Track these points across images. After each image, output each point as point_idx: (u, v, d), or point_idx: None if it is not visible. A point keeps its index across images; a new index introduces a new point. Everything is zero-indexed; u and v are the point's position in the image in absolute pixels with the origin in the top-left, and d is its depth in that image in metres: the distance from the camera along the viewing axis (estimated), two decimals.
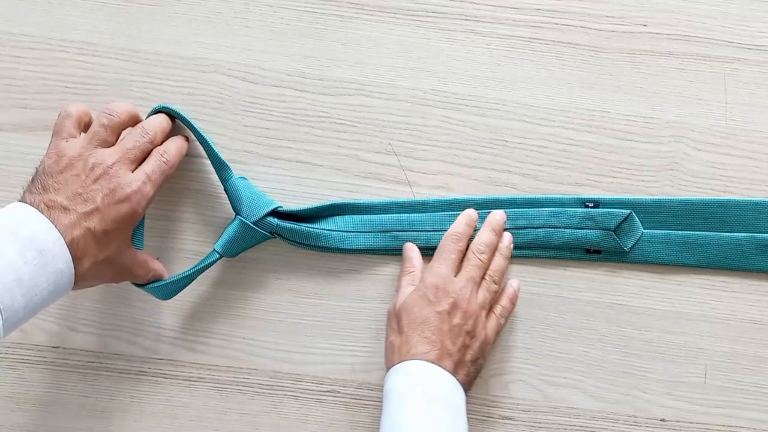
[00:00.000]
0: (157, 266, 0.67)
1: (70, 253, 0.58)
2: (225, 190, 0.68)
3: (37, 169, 0.62)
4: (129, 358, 0.70)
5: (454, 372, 0.64)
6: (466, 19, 0.73)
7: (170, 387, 0.70)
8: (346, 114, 0.72)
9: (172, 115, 0.68)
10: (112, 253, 0.62)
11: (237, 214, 0.67)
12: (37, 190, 0.60)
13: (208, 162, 0.69)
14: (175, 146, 0.66)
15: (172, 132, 0.68)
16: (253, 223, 0.67)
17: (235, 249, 0.68)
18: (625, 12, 0.73)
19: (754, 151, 0.72)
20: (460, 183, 0.72)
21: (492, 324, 0.68)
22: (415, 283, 0.68)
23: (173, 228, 0.71)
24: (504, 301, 0.69)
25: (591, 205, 0.71)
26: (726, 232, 0.71)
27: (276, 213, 0.68)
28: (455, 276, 0.67)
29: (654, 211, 0.71)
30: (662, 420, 0.70)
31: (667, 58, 0.73)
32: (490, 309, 0.68)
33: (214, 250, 0.67)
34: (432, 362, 0.63)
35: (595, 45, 0.73)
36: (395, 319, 0.66)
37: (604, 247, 0.70)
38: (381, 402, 0.69)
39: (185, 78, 0.72)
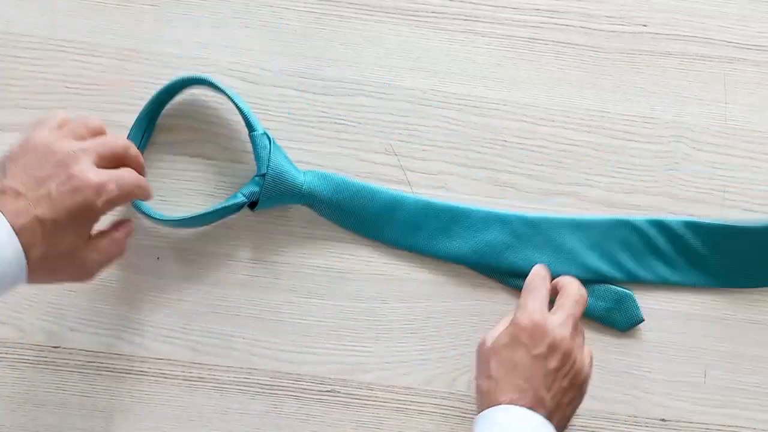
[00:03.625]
0: (119, 234, 0.62)
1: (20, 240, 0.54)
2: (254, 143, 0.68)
3: (5, 154, 0.59)
4: (129, 358, 0.70)
5: (548, 417, 0.57)
6: (465, 19, 0.73)
7: (170, 387, 0.70)
8: (346, 114, 0.72)
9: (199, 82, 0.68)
10: (66, 249, 0.57)
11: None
12: None
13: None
14: (142, 180, 0.62)
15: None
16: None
17: (267, 201, 0.68)
18: (625, 12, 0.73)
19: (754, 151, 0.72)
20: (460, 183, 0.72)
21: (587, 356, 0.62)
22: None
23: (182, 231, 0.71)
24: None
25: None
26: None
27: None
28: (548, 311, 0.61)
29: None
30: (662, 420, 0.70)
31: (666, 58, 0.73)
32: None
33: (240, 192, 0.67)
34: (525, 409, 0.57)
35: (595, 45, 0.73)
36: (484, 359, 0.60)
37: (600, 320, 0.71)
38: (383, 402, 0.70)
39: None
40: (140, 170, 0.62)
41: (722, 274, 0.70)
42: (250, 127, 0.68)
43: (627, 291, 0.70)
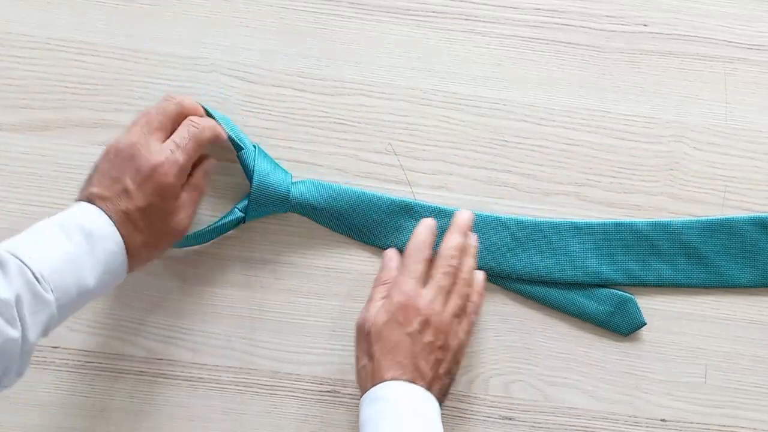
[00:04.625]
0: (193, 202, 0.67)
1: (121, 235, 0.60)
2: (241, 160, 0.69)
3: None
4: (129, 358, 0.70)
5: (428, 388, 0.62)
6: (466, 19, 0.73)
7: (170, 387, 0.70)
8: (346, 114, 0.72)
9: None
10: (158, 226, 0.63)
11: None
12: (84, 186, 0.63)
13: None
14: (206, 118, 0.66)
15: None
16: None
17: (254, 211, 0.68)
18: (625, 12, 0.73)
19: (754, 151, 0.72)
20: (460, 183, 0.72)
21: (464, 326, 0.65)
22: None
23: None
24: (474, 296, 0.67)
25: None
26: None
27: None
28: (423, 287, 0.64)
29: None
30: (662, 420, 0.70)
31: (667, 57, 0.73)
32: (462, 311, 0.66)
33: (235, 208, 0.69)
34: (406, 383, 0.61)
35: (595, 45, 0.73)
36: (365, 340, 0.64)
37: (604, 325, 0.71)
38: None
39: (185, 78, 0.72)
40: (198, 112, 0.66)
41: (724, 273, 0.70)
42: (237, 147, 0.69)
43: (628, 295, 0.70)
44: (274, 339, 0.71)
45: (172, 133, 0.64)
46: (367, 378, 0.63)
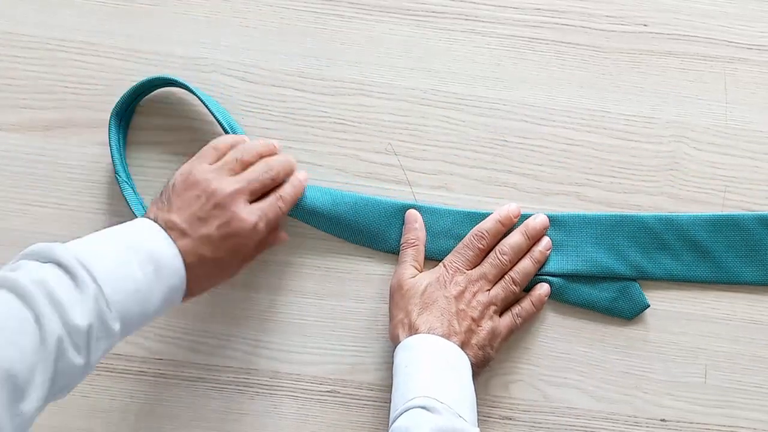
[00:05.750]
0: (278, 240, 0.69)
1: (185, 271, 0.60)
2: None
3: (167, 182, 0.63)
4: (129, 358, 0.70)
5: (461, 348, 0.64)
6: (466, 19, 0.73)
7: (170, 387, 0.70)
8: (346, 114, 0.72)
9: (182, 86, 0.69)
10: (222, 278, 0.64)
11: None
12: (162, 205, 0.62)
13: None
14: (292, 190, 0.66)
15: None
16: None
17: None
18: (625, 12, 0.73)
19: (754, 151, 0.72)
20: (460, 183, 0.72)
21: (506, 320, 0.68)
22: (419, 258, 0.69)
23: None
24: (525, 302, 0.69)
25: None
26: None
27: None
28: (470, 270, 0.68)
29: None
30: (662, 420, 0.70)
31: (667, 57, 0.73)
32: (507, 308, 0.69)
33: None
34: (440, 337, 0.64)
35: (595, 45, 0.73)
36: (402, 298, 0.67)
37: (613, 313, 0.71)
38: (383, 402, 0.70)
39: (185, 78, 0.72)
40: (290, 175, 0.67)
41: (729, 269, 0.70)
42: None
43: (631, 280, 0.70)
44: (274, 339, 0.71)
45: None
46: (403, 330, 0.65)
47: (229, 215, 0.61)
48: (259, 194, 0.64)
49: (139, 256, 0.58)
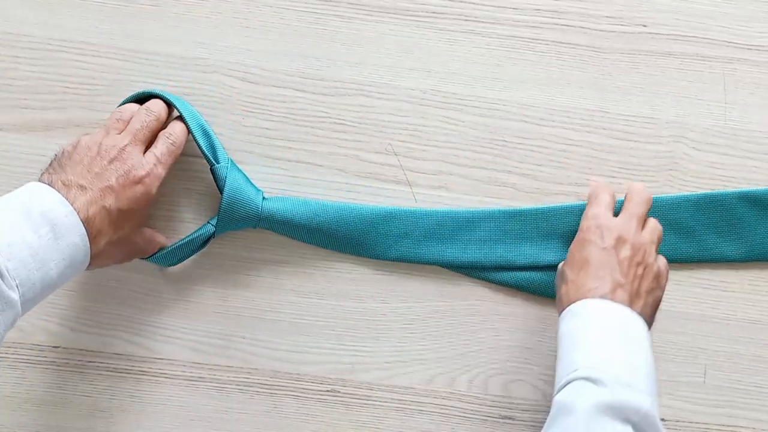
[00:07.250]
0: (161, 239, 0.69)
1: (85, 227, 0.59)
2: (214, 174, 0.68)
3: (56, 154, 0.64)
4: (129, 358, 0.70)
5: (630, 304, 0.60)
6: (465, 19, 0.73)
7: (170, 387, 0.70)
8: (346, 114, 0.72)
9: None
10: (126, 233, 0.64)
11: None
12: (54, 170, 0.62)
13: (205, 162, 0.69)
14: (179, 127, 0.67)
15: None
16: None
17: (225, 225, 0.68)
18: (625, 12, 0.74)
19: (753, 151, 0.73)
20: (460, 183, 0.72)
21: (662, 260, 0.65)
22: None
23: (174, 228, 0.71)
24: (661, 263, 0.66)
25: None
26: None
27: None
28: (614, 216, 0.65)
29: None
30: (662, 420, 0.70)
31: (666, 58, 0.73)
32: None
33: (209, 222, 0.68)
34: (603, 297, 0.60)
35: (594, 45, 0.73)
36: (560, 275, 0.64)
37: None
38: (383, 402, 0.70)
39: (185, 78, 0.72)
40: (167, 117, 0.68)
41: (712, 247, 0.70)
42: (210, 161, 0.68)
43: None
44: (274, 339, 0.71)
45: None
46: (566, 300, 0.62)
47: (126, 167, 0.63)
48: (149, 139, 0.66)
49: (33, 219, 0.57)
